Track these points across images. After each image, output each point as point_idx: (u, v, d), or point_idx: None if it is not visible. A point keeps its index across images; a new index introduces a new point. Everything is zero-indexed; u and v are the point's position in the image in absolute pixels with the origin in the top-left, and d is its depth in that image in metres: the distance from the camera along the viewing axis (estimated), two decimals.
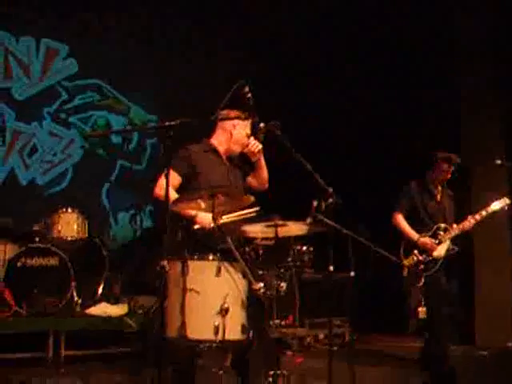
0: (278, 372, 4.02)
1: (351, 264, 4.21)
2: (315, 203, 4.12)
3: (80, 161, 8.46)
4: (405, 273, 5.89)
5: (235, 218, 4.06)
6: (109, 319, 6.19)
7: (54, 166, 8.32)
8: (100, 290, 6.65)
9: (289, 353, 5.74)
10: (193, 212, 4.16)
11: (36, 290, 6.06)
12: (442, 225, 5.96)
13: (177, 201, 3.95)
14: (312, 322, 7.04)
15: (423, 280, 5.82)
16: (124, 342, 6.23)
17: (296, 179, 5.03)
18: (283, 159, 4.24)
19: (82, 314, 6.24)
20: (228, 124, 4.55)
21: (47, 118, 8.28)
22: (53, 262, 6.21)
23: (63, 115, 8.40)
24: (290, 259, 4.15)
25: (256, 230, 4.13)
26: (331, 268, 4.27)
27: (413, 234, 5.93)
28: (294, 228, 4.08)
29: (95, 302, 6.45)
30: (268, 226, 4.04)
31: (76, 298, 6.27)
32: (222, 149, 4.60)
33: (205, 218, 4.15)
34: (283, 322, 4.28)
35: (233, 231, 4.07)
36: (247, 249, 4.10)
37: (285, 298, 4.28)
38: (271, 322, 4.07)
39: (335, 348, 5.07)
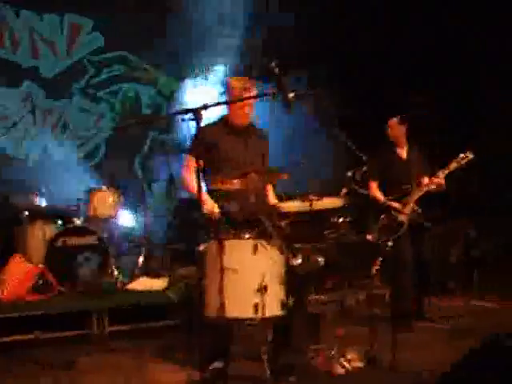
0: (320, 346, 4.04)
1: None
2: (350, 174, 4.08)
3: (112, 134, 8.47)
4: (371, 238, 5.80)
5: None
6: (150, 293, 6.25)
7: (87, 141, 8.36)
8: (139, 265, 6.70)
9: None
10: (204, 197, 4.22)
11: (77, 268, 6.14)
12: (409, 186, 5.94)
13: (212, 181, 3.97)
14: (351, 285, 7.03)
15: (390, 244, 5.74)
16: (167, 314, 6.29)
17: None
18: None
19: (123, 290, 6.31)
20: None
21: (76, 93, 8.28)
22: (91, 240, 6.27)
23: (92, 90, 8.40)
24: (326, 232, 4.10)
25: (291, 206, 4.11)
26: (369, 237, 4.27)
27: (382, 199, 5.95)
28: (329, 202, 4.05)
29: (135, 277, 6.51)
30: (303, 202, 4.01)
31: (116, 275, 6.34)
32: (235, 122, 4.67)
33: (210, 206, 4.23)
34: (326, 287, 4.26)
35: (267, 208, 4.06)
36: (283, 224, 4.07)
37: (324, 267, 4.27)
38: (310, 297, 4.08)
39: (377, 311, 5.08)
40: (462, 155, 5.83)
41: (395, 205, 5.85)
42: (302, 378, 3.85)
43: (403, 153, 6.16)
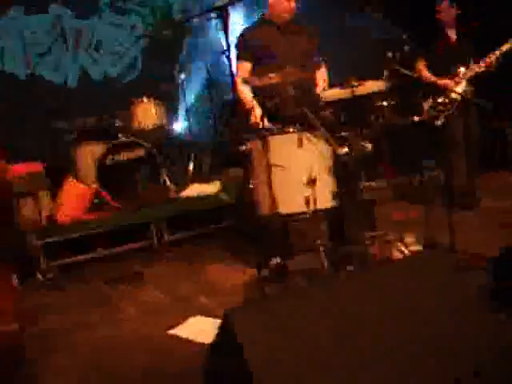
0: (376, 233, 4.02)
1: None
2: (390, 54, 3.94)
3: (147, 46, 8.34)
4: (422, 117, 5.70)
5: None
6: (204, 198, 6.29)
7: (122, 55, 8.26)
8: (190, 172, 6.70)
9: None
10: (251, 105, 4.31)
11: (129, 183, 6.16)
12: (459, 66, 5.77)
13: (251, 79, 3.91)
14: (404, 169, 6.97)
15: (442, 121, 5.67)
16: (222, 217, 6.36)
17: None
18: None
19: (177, 198, 6.34)
20: None
21: (105, 9, 8.12)
22: (140, 153, 6.23)
23: (120, 3, 8.21)
24: (371, 117, 4.00)
25: (333, 94, 4.01)
26: (417, 119, 4.17)
27: (431, 78, 5.82)
28: (372, 85, 3.93)
29: (188, 184, 6.53)
30: (345, 88, 3.90)
31: (169, 184, 6.36)
32: (279, 19, 4.61)
33: (258, 112, 4.25)
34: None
35: (308, 99, 3.98)
36: (326, 113, 3.98)
37: (373, 153, 4.20)
38: (362, 184, 4.04)
39: (431, 193, 5.03)
40: None
41: (447, 82, 5.71)
42: (360, 266, 3.85)
43: (453, 35, 5.99)
